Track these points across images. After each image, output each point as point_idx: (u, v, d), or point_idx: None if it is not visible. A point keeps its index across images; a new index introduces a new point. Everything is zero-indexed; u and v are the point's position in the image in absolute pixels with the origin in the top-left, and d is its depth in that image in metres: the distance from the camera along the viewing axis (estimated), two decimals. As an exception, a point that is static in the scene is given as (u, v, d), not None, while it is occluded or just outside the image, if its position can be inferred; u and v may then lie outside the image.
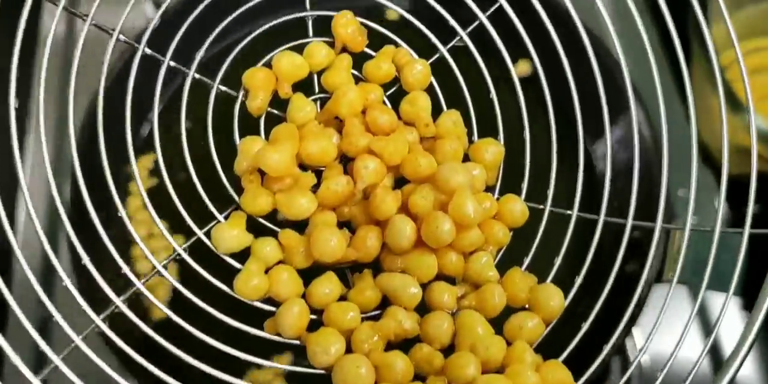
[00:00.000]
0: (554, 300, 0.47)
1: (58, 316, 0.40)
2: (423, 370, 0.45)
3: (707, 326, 0.61)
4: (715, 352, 0.61)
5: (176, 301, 0.52)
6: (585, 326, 0.47)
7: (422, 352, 0.46)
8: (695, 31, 0.51)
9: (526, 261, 0.50)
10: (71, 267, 0.52)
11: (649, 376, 0.44)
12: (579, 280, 0.49)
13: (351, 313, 0.46)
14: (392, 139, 0.48)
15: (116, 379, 0.40)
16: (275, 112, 0.50)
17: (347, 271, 0.49)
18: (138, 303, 0.47)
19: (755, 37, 0.57)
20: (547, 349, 0.47)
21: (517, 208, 0.50)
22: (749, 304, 0.43)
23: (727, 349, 0.60)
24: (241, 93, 0.50)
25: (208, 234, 0.47)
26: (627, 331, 0.57)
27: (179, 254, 0.45)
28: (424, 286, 0.48)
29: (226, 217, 0.47)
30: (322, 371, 0.44)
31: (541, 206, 0.51)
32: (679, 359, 0.44)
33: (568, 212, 0.51)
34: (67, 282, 0.41)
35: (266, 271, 0.46)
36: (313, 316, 0.46)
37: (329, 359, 0.44)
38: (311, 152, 0.47)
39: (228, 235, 0.46)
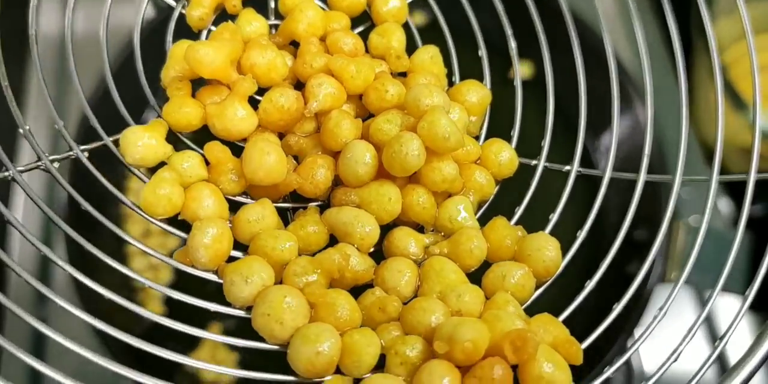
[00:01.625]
0: (549, 250, 0.37)
1: None
2: (374, 318, 0.35)
3: (711, 327, 0.57)
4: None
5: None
6: (583, 295, 0.37)
7: (374, 296, 0.35)
8: (697, 29, 0.48)
9: (515, 218, 0.40)
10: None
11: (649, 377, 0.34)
12: (581, 236, 0.39)
13: (287, 242, 0.36)
14: (355, 61, 0.40)
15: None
16: (220, 30, 0.42)
17: (289, 213, 0.39)
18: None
19: (758, 35, 0.52)
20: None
21: (504, 154, 0.41)
22: (755, 303, 0.36)
23: (728, 349, 0.50)
24: (181, 3, 0.42)
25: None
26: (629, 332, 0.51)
27: (75, 153, 0.36)
28: (384, 233, 0.38)
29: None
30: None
31: (534, 162, 0.42)
32: (682, 360, 0.35)
33: (566, 168, 0.42)
34: None
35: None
36: (240, 253, 0.36)
37: (250, 292, 0.34)
38: (255, 63, 0.39)
39: (139, 140, 0.36)
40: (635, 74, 0.58)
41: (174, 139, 0.38)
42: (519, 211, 0.40)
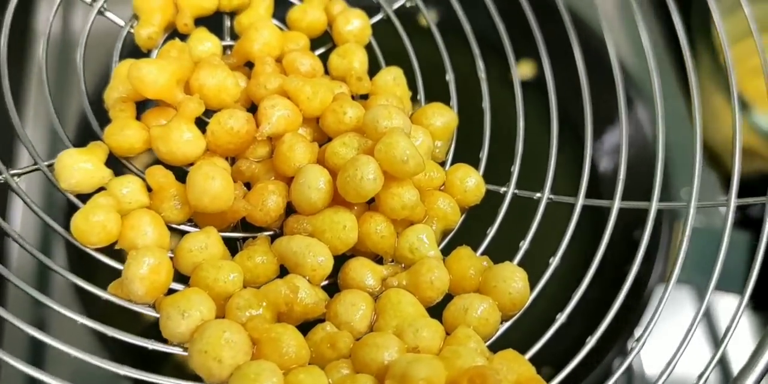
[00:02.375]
0: (516, 282, 0.34)
1: None
2: (324, 355, 0.32)
3: (712, 327, 0.53)
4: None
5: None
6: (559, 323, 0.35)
7: (324, 331, 0.33)
8: (701, 28, 0.47)
9: (481, 248, 0.38)
10: None
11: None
12: (553, 264, 0.36)
13: (230, 274, 0.33)
14: (312, 82, 0.38)
15: None
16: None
17: (239, 243, 0.36)
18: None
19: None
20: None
21: (470, 180, 0.38)
22: (757, 304, 0.33)
23: (730, 350, 0.49)
24: (130, 22, 0.40)
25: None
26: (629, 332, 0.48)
27: (4, 178, 0.33)
28: (339, 264, 0.35)
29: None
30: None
31: (504, 189, 0.40)
32: (682, 361, 0.33)
33: (537, 195, 0.39)
34: None
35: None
36: (181, 286, 0.33)
37: (187, 326, 0.31)
38: (204, 84, 0.37)
39: (75, 164, 0.34)
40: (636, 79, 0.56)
41: (117, 164, 0.36)
42: (486, 241, 0.38)
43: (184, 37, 0.40)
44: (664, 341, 0.31)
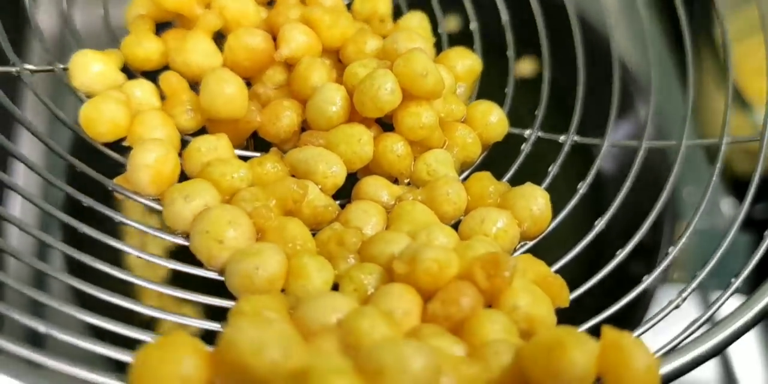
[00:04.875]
0: (538, 199, 0.33)
1: None
2: (331, 253, 0.30)
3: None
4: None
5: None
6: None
7: (332, 230, 0.31)
8: (702, 27, 0.47)
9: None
10: None
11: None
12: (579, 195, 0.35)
13: (240, 170, 0.32)
14: (333, 12, 0.38)
15: None
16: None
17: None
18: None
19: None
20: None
21: (492, 115, 0.37)
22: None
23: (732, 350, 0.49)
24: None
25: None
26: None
27: (18, 71, 0.33)
28: (352, 181, 0.34)
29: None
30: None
31: (528, 131, 0.38)
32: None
33: (562, 138, 0.38)
34: None
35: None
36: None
37: (191, 211, 0.29)
38: (226, 6, 0.36)
39: (90, 64, 0.33)
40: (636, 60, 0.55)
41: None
42: (507, 177, 0.36)
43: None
44: (664, 341, 0.29)
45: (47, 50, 0.34)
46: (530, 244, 0.33)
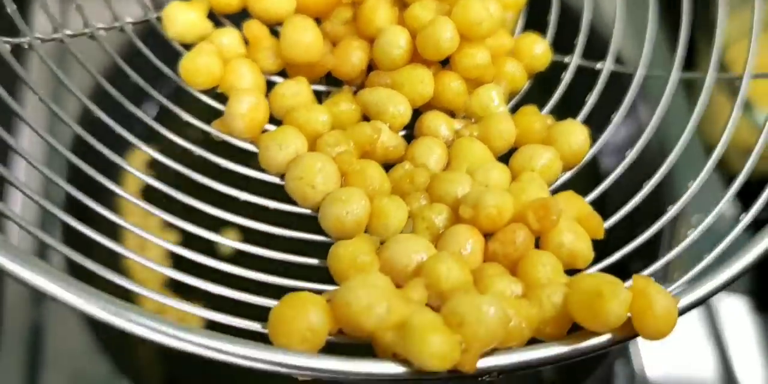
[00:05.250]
0: (578, 135, 0.38)
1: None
2: (403, 190, 0.35)
3: (714, 328, 0.54)
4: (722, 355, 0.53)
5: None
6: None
7: (403, 169, 0.36)
8: (703, 27, 0.47)
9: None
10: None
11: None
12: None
13: (321, 115, 0.36)
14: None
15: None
16: None
17: (323, 97, 0.40)
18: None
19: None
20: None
21: (537, 47, 0.41)
22: (760, 305, 0.35)
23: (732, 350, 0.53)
24: None
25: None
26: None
27: (122, 25, 0.37)
28: (416, 116, 0.39)
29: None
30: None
31: (567, 58, 0.43)
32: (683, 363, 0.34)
33: (598, 66, 0.42)
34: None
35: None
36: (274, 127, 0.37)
37: (284, 157, 0.35)
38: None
39: (182, 15, 0.38)
40: None
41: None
42: (549, 106, 0.41)
43: None
44: (664, 341, 0.33)
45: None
46: (568, 174, 0.38)
